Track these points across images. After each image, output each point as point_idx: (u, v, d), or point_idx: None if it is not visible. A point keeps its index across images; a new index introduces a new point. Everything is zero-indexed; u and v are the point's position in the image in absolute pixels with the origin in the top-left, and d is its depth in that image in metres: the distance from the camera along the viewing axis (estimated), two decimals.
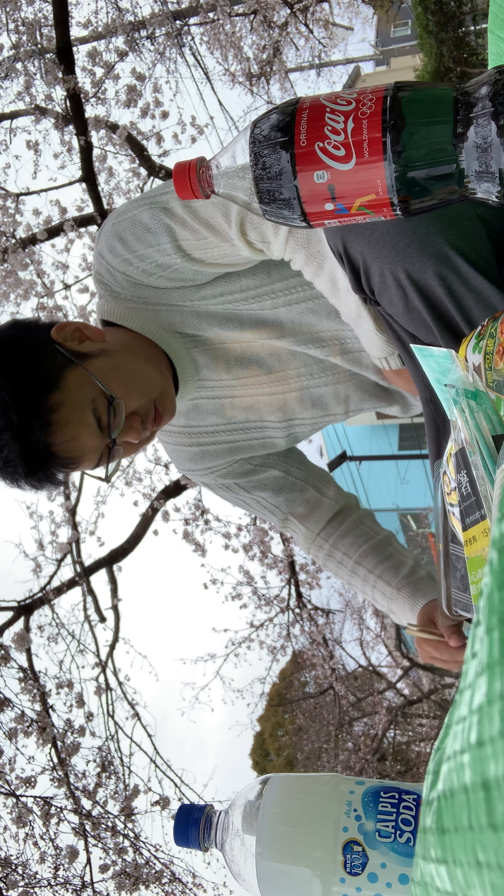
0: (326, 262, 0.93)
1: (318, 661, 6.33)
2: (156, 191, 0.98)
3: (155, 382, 1.05)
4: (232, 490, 1.29)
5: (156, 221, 0.95)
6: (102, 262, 1.03)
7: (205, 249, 0.96)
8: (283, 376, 1.18)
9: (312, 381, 1.19)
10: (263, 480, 1.28)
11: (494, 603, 0.25)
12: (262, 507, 1.30)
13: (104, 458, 1.01)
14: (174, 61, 4.75)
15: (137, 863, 3.19)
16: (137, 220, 0.96)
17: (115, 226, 0.99)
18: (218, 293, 1.06)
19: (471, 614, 0.75)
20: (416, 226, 0.76)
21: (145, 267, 1.00)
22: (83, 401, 0.96)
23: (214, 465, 1.26)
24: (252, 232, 0.93)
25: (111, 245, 0.99)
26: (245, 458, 1.28)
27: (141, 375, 1.04)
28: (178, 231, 0.95)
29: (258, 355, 1.16)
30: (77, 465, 0.99)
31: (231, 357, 1.16)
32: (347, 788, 0.55)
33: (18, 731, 3.16)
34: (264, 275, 1.05)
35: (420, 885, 0.35)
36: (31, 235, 4.13)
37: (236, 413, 1.22)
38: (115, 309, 1.08)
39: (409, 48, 15.30)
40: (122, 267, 1.01)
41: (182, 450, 1.26)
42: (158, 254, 0.97)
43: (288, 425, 1.24)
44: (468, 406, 0.58)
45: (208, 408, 1.21)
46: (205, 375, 1.17)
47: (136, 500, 4.86)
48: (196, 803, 0.61)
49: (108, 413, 0.97)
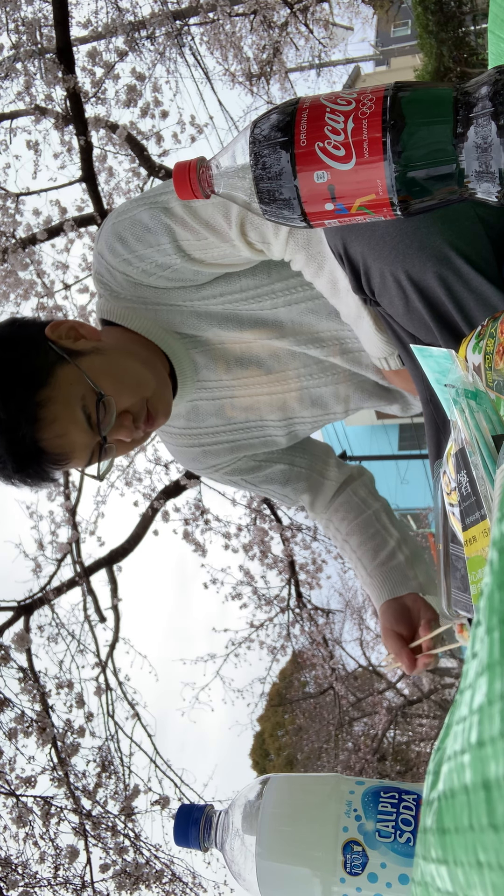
0: (327, 263, 0.93)
1: (318, 661, 6.33)
2: (156, 190, 0.98)
3: (148, 383, 1.05)
4: (238, 484, 1.32)
5: (156, 221, 0.95)
6: (102, 261, 1.03)
7: (205, 250, 0.96)
8: (282, 377, 1.19)
9: (312, 381, 1.19)
10: (269, 475, 1.30)
11: (494, 603, 0.25)
12: (271, 495, 1.35)
13: (95, 455, 1.01)
14: (174, 61, 4.75)
15: (138, 862, 3.19)
16: (137, 219, 0.96)
17: (115, 225, 0.99)
18: (218, 293, 1.06)
19: (471, 614, 0.75)
20: (417, 226, 0.75)
21: (145, 267, 1.00)
22: (73, 397, 0.96)
23: (218, 463, 1.27)
24: (252, 232, 0.93)
25: (111, 245, 0.99)
26: (248, 456, 1.29)
27: (134, 375, 1.03)
28: (179, 231, 0.95)
29: (258, 356, 1.16)
30: (67, 461, 0.98)
31: (231, 357, 1.16)
32: (347, 788, 0.55)
33: (18, 731, 3.16)
34: (264, 275, 1.05)
35: (420, 885, 0.35)
36: (31, 235, 4.12)
37: (236, 413, 1.22)
38: (115, 308, 1.08)
39: (409, 48, 15.30)
40: (121, 267, 1.01)
41: (184, 450, 1.27)
42: (158, 254, 0.97)
43: (288, 424, 1.24)
44: (468, 406, 0.58)
45: (208, 409, 1.21)
46: (204, 376, 1.17)
47: (136, 500, 4.86)
48: (196, 803, 0.61)
49: (98, 410, 0.97)
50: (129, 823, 3.37)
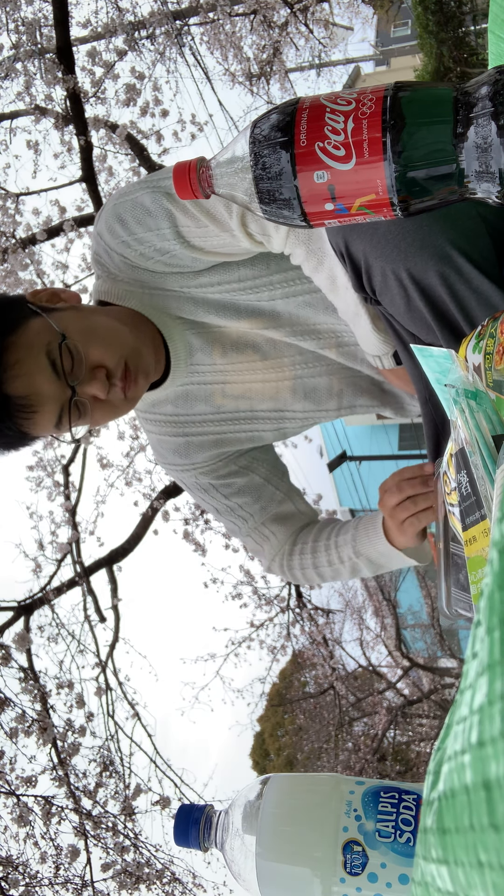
0: (326, 259, 0.93)
1: (318, 660, 6.33)
2: (159, 174, 0.97)
3: (124, 339, 1.00)
4: (208, 492, 1.26)
5: (157, 205, 0.94)
6: (101, 242, 1.02)
7: (204, 238, 0.96)
8: (278, 363, 1.17)
9: (307, 370, 1.18)
10: (244, 486, 1.25)
11: (495, 603, 0.25)
12: (236, 514, 1.27)
13: (66, 410, 0.97)
14: (174, 61, 4.75)
15: (138, 862, 3.19)
16: (139, 202, 0.96)
17: (116, 206, 0.98)
18: (215, 282, 1.06)
19: (471, 614, 0.75)
20: (418, 225, 0.75)
21: (143, 250, 0.99)
22: (37, 343, 0.93)
23: (198, 460, 1.23)
24: (253, 224, 0.93)
25: (110, 226, 0.99)
26: (230, 457, 1.25)
27: (109, 329, 1.00)
28: (179, 217, 0.94)
29: (254, 341, 1.16)
30: (34, 410, 0.94)
31: (227, 341, 1.15)
32: (347, 788, 0.55)
33: (19, 730, 3.16)
34: (263, 266, 1.05)
35: (421, 885, 0.35)
36: (31, 235, 4.12)
37: (227, 401, 1.20)
38: (112, 289, 1.07)
39: (409, 48, 15.30)
40: (120, 248, 1.00)
41: (167, 440, 1.23)
42: (157, 238, 0.97)
43: (278, 416, 1.22)
44: (468, 406, 0.58)
45: (198, 395, 1.19)
46: (198, 360, 1.15)
47: (136, 500, 4.87)
48: (196, 803, 0.61)
49: (61, 354, 0.93)
50: (129, 823, 3.38)
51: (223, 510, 1.27)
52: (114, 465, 4.85)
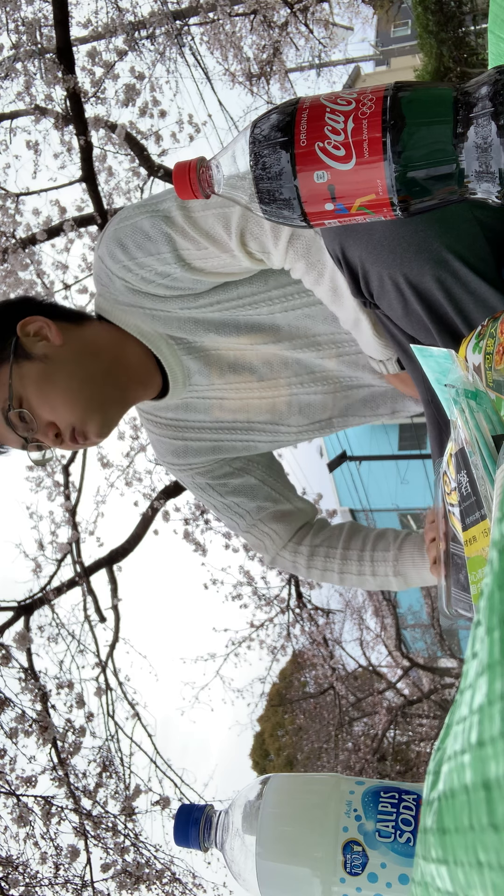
0: (327, 271, 0.93)
1: (318, 661, 6.33)
2: (158, 197, 0.98)
3: (75, 408, 1.06)
4: (205, 491, 1.30)
5: (156, 230, 0.95)
6: (102, 266, 1.03)
7: (205, 259, 0.97)
8: (273, 384, 1.20)
9: (302, 388, 1.20)
10: (239, 487, 1.29)
11: (495, 603, 0.25)
12: (233, 511, 1.30)
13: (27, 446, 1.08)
14: (174, 61, 4.75)
15: (139, 862, 3.19)
16: (139, 227, 0.96)
17: (117, 231, 0.99)
18: (215, 301, 1.06)
19: (471, 614, 0.75)
20: (414, 230, 0.75)
21: (145, 274, 1.00)
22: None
23: (195, 462, 1.27)
24: (252, 242, 0.93)
25: (111, 250, 0.99)
26: (226, 460, 1.29)
27: (66, 394, 1.05)
28: (179, 241, 0.95)
29: (251, 363, 1.17)
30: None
31: (224, 363, 1.17)
32: (347, 788, 0.55)
33: (19, 730, 3.16)
34: (261, 282, 1.06)
35: (421, 885, 0.35)
36: (31, 235, 4.12)
37: (225, 414, 1.23)
38: (112, 309, 1.09)
39: (409, 48, 15.30)
40: (121, 273, 1.01)
41: (166, 441, 1.27)
42: (158, 262, 0.98)
43: (274, 429, 1.25)
44: (468, 406, 0.58)
45: (198, 406, 1.22)
46: (196, 381, 1.18)
47: (136, 500, 4.87)
48: (196, 803, 0.61)
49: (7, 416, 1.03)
50: (129, 823, 3.38)
51: (221, 507, 1.31)
52: (114, 465, 4.85)
